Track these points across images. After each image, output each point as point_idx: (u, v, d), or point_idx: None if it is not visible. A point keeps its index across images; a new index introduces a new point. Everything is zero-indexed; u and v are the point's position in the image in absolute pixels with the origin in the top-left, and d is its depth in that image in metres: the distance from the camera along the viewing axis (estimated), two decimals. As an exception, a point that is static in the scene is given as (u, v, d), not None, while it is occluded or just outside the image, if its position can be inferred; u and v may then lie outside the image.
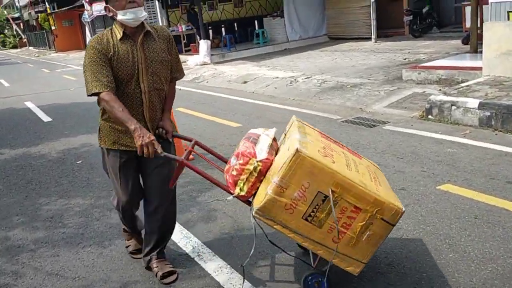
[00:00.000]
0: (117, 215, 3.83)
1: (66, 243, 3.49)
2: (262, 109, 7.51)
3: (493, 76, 6.26)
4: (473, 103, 5.34)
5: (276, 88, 9.04)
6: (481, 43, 6.64)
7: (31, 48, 43.27)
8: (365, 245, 2.27)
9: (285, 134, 2.66)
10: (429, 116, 5.83)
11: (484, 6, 8.06)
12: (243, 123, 6.66)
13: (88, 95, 2.49)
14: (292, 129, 2.54)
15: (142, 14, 2.51)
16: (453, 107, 5.54)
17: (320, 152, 2.28)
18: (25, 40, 47.06)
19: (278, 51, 14.90)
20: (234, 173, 2.42)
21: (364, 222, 2.22)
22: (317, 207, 2.19)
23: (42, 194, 4.62)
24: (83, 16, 24.30)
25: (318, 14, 16.17)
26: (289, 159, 2.13)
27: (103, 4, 2.60)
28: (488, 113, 5.17)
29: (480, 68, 6.58)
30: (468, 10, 8.84)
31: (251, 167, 2.36)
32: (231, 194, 2.45)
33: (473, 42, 7.99)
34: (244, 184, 2.39)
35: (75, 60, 23.58)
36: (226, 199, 2.50)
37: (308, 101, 7.72)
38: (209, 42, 13.80)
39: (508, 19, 6.36)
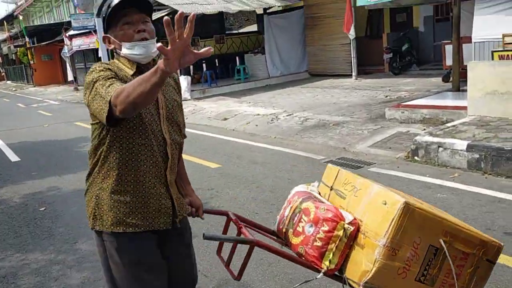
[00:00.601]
0: (78, 274, 3.45)
1: (16, 309, 3.06)
2: (242, 148, 7.22)
3: (478, 116, 6.12)
4: (461, 144, 5.14)
5: (257, 125, 8.80)
6: (463, 81, 6.55)
7: (9, 82, 42.65)
8: None
9: (331, 187, 2.27)
10: (415, 157, 5.61)
11: (464, 45, 8.08)
12: (223, 163, 6.35)
13: (107, 117, 1.63)
14: (354, 180, 2.15)
15: (153, 49, 1.90)
16: (440, 149, 5.34)
17: (414, 201, 2.00)
18: (3, 74, 46.46)
19: (259, 87, 14.78)
20: (319, 243, 1.98)
21: (472, 268, 1.97)
22: (429, 263, 1.91)
23: (-2, 247, 4.17)
24: (62, 51, 24.07)
25: (299, 50, 16.23)
26: (398, 215, 1.83)
27: (83, 38, 1.98)
28: (477, 156, 4.97)
29: (464, 107, 6.46)
30: (447, 48, 8.85)
31: (341, 233, 1.94)
32: (319, 271, 1.96)
33: (455, 80, 7.95)
34: (333, 254, 1.96)
35: (53, 94, 23.16)
36: (315, 278, 1.99)
37: (289, 140, 7.47)
38: (189, 78, 13.60)
39: (493, 58, 6.31)
